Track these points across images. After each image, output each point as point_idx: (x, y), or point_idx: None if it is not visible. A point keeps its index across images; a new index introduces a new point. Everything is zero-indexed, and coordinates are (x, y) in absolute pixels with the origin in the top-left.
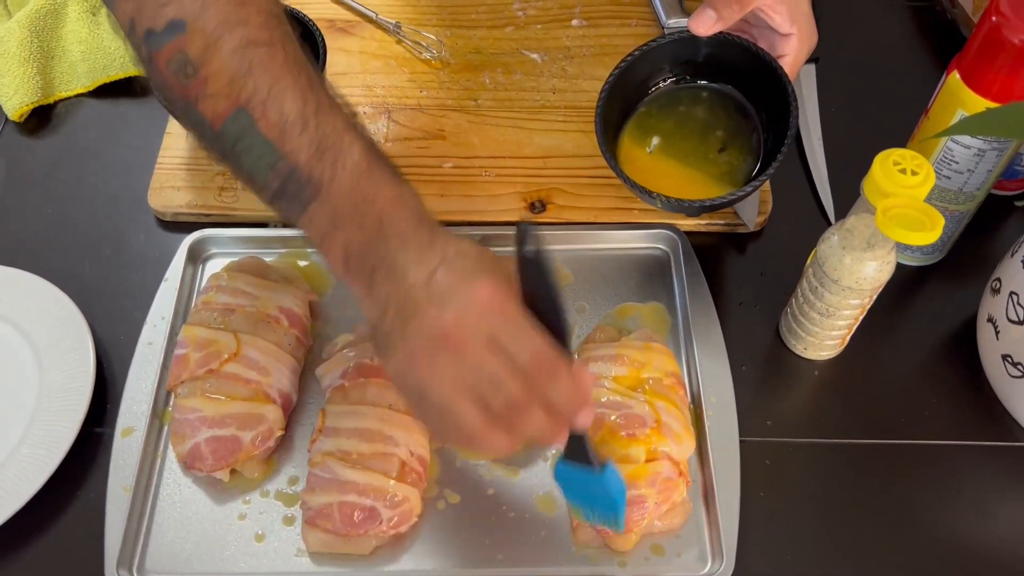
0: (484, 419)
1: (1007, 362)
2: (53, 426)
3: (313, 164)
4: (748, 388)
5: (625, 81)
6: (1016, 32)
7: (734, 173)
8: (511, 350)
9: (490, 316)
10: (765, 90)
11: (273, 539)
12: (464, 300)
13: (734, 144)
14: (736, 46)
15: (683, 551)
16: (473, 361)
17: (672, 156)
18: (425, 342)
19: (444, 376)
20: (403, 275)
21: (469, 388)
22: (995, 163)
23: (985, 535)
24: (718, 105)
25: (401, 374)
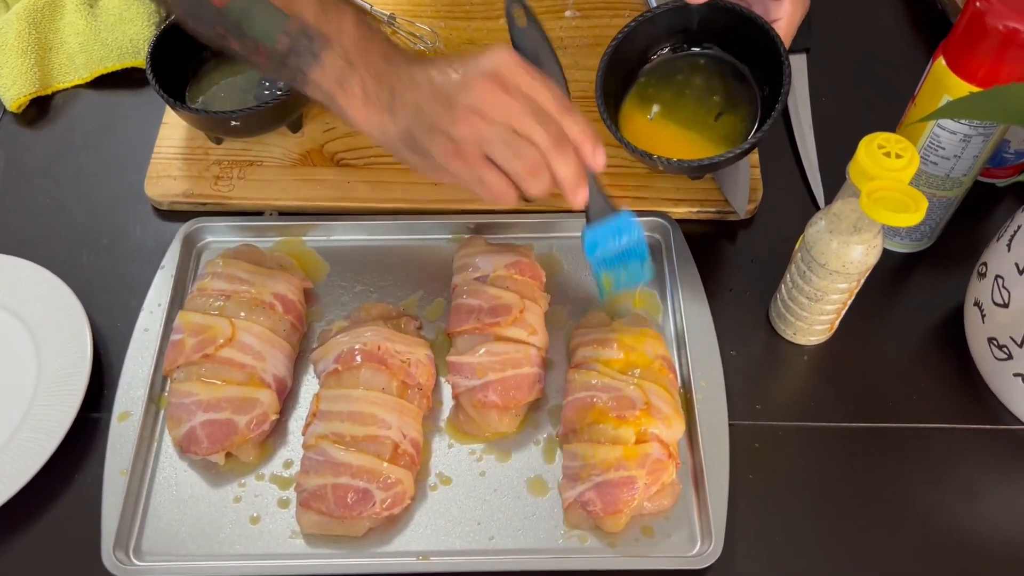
0: (537, 153)
1: (993, 345)
2: (51, 411)
3: (320, 19)
4: (738, 373)
5: (622, 53)
6: (1000, 18)
7: (733, 136)
8: (538, 95)
9: (517, 69)
10: (760, 54)
11: (268, 521)
12: (494, 59)
13: (731, 109)
14: (729, 12)
15: (672, 532)
16: (518, 101)
17: (672, 122)
18: (478, 96)
19: (501, 117)
20: (427, 78)
21: (521, 124)
22: (981, 149)
23: (972, 517)
24: (715, 71)
25: (460, 135)
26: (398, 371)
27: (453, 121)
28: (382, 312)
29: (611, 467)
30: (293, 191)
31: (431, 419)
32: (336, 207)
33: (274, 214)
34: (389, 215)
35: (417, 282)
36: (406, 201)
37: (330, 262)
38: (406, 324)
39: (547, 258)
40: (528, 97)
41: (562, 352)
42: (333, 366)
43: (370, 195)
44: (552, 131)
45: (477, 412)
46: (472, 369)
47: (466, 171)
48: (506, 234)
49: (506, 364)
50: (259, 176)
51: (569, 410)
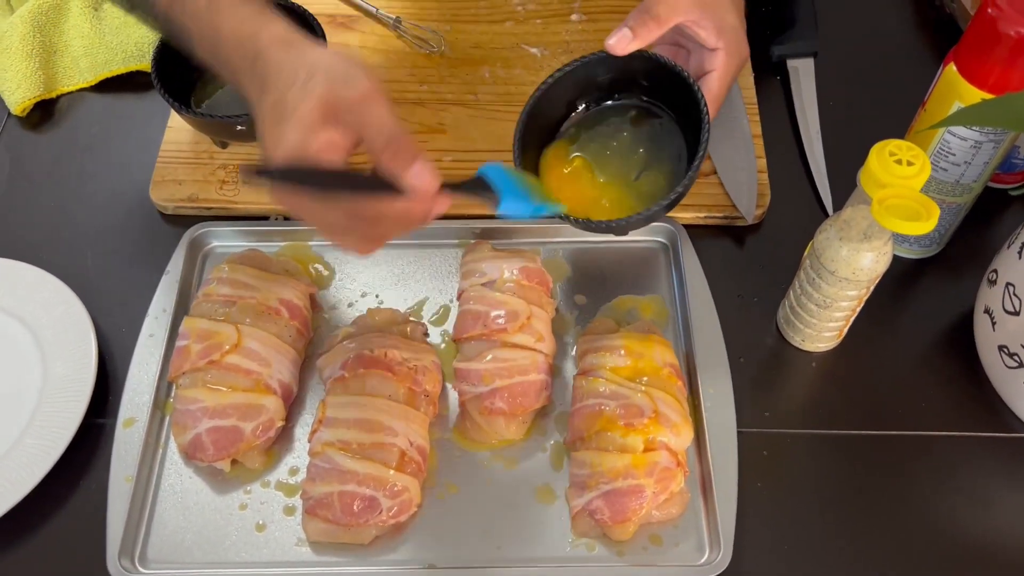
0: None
1: (1003, 353)
2: (56, 417)
3: (173, 11)
4: (746, 380)
5: (546, 105)
6: (1012, 24)
7: (656, 191)
8: (337, 208)
9: (292, 208)
10: (686, 107)
11: (274, 529)
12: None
13: (656, 163)
14: (653, 62)
15: (681, 541)
16: (318, 219)
17: (595, 176)
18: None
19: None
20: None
21: (329, 232)
22: (992, 155)
23: (981, 525)
24: (643, 122)
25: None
26: (405, 378)
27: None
28: (388, 318)
29: (619, 476)
30: None
31: (438, 426)
32: None
33: (280, 219)
34: None
35: (423, 288)
36: None
37: (336, 267)
38: (412, 330)
39: (554, 263)
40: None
41: (569, 359)
42: (339, 372)
43: None
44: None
45: (484, 419)
46: (479, 376)
47: None
48: (512, 239)
49: (513, 371)
50: None
51: (577, 417)
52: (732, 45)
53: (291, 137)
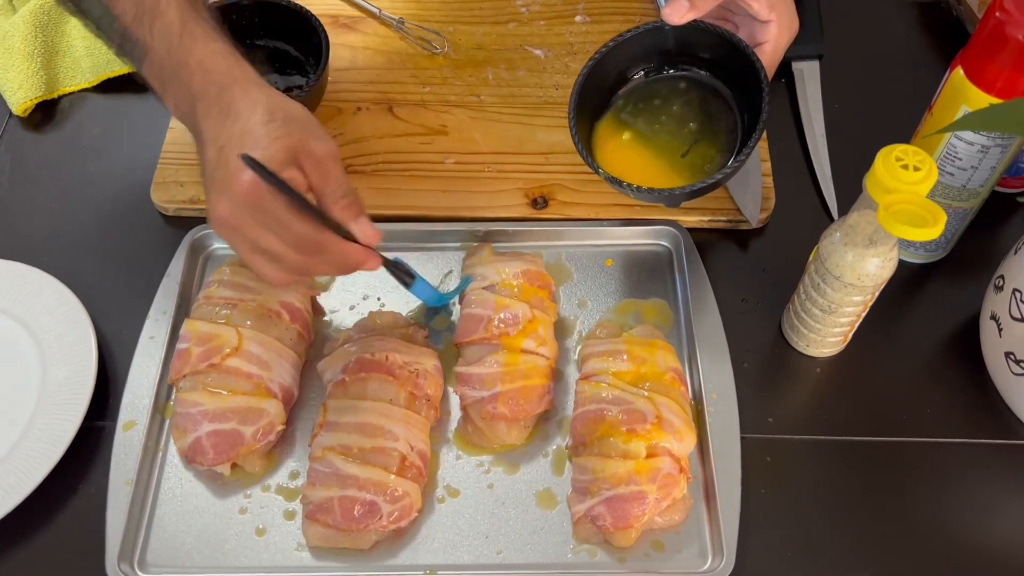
0: (278, 271)
1: (1010, 360)
2: (55, 420)
3: (136, 26)
4: (750, 385)
5: (599, 74)
6: (1020, 28)
7: (707, 165)
8: (278, 234)
9: (252, 207)
10: (742, 79)
11: (274, 533)
12: (232, 191)
13: (708, 136)
14: (710, 34)
15: (683, 547)
16: (252, 238)
17: (647, 148)
18: (215, 221)
19: (237, 246)
20: (205, 148)
21: (259, 253)
22: (999, 160)
23: (987, 533)
24: (694, 96)
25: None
26: (406, 382)
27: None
28: (390, 321)
29: (621, 482)
30: None
31: (439, 431)
32: None
33: None
34: (396, 222)
35: None
36: (413, 208)
37: None
38: (414, 334)
39: (556, 267)
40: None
41: (571, 363)
42: (340, 376)
43: (377, 202)
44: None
45: (485, 424)
46: (480, 380)
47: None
48: (514, 242)
49: (515, 375)
50: None
51: (579, 422)
52: (784, 17)
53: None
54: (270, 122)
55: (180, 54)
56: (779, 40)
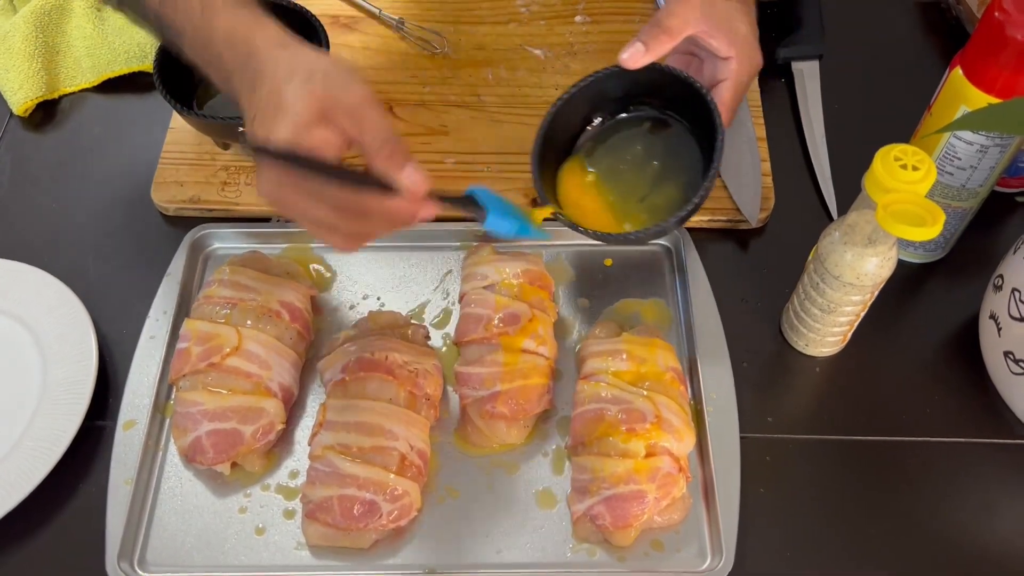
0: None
1: (1009, 359)
2: (56, 419)
3: (164, 10)
4: (749, 384)
5: (562, 120)
6: (1019, 29)
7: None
8: (323, 204)
9: (287, 184)
10: (700, 117)
11: (273, 532)
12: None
13: (673, 174)
14: (667, 75)
15: (683, 547)
16: (301, 211)
17: (612, 189)
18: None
19: (295, 217)
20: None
21: (315, 224)
22: (998, 159)
23: (986, 532)
24: (658, 135)
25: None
26: (406, 381)
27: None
28: (389, 321)
29: (621, 481)
30: None
31: (439, 430)
32: None
33: (281, 221)
34: None
35: (425, 291)
36: None
37: (337, 270)
38: (414, 333)
39: (556, 267)
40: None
41: (571, 362)
42: (340, 375)
43: None
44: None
45: (485, 423)
46: (480, 379)
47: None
48: (515, 242)
49: (514, 375)
50: None
51: (578, 422)
52: (744, 54)
53: (285, 129)
54: (290, 81)
55: (205, 31)
56: (739, 76)
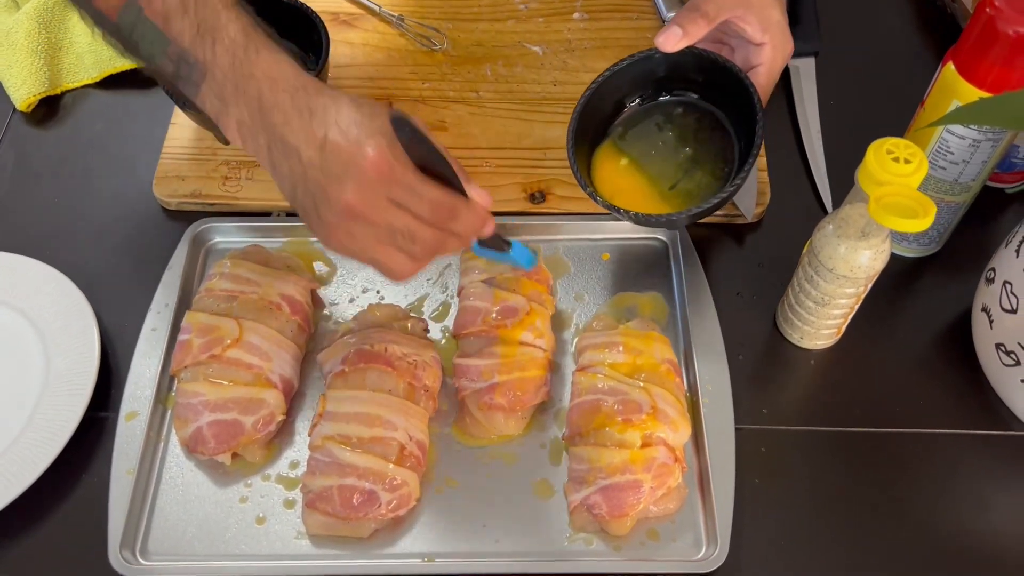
0: (409, 259)
1: (1000, 351)
2: (58, 410)
3: (196, 46)
4: (744, 377)
5: (596, 103)
6: (1010, 24)
7: (705, 188)
8: (411, 206)
9: (384, 181)
10: (736, 101)
11: (274, 522)
12: (357, 172)
13: (706, 160)
14: (703, 59)
15: (678, 536)
16: (383, 223)
17: (644, 174)
18: (337, 218)
19: (364, 239)
20: (296, 153)
21: (389, 242)
22: (990, 154)
23: (979, 523)
24: (691, 120)
25: (328, 244)
26: (405, 373)
27: (319, 229)
28: (389, 314)
29: (617, 471)
30: None
31: (437, 421)
32: None
33: (282, 215)
34: None
35: (424, 284)
36: None
37: (337, 263)
38: (413, 326)
39: (554, 260)
40: (399, 210)
41: (568, 355)
42: (340, 367)
43: None
44: (425, 244)
45: (483, 414)
46: (478, 371)
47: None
48: (512, 236)
49: (512, 367)
50: (267, 177)
51: (575, 413)
52: (777, 39)
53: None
54: (361, 107)
55: (246, 67)
56: (773, 62)
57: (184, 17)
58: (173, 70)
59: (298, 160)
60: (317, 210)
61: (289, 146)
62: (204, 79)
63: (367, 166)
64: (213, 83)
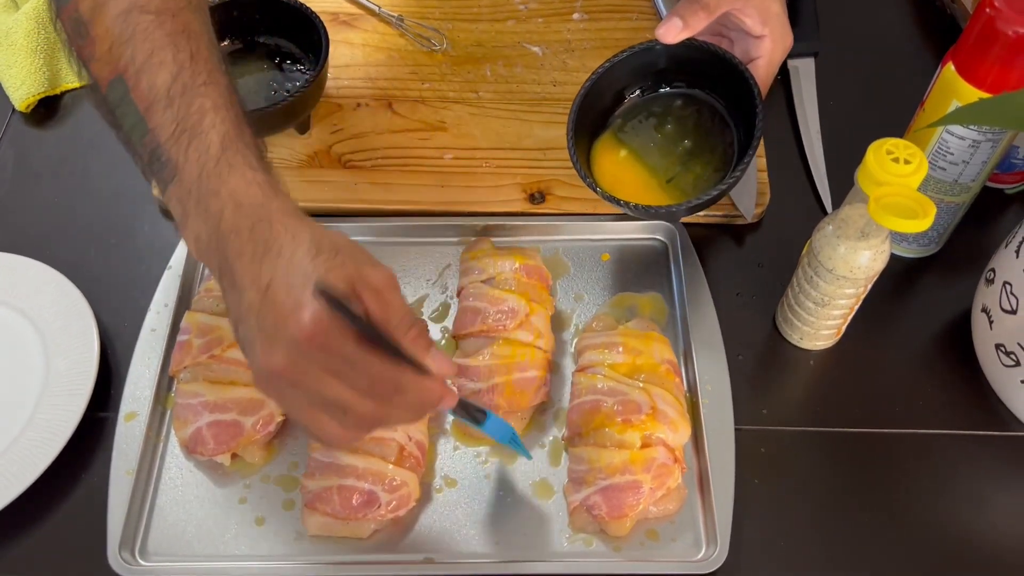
0: (342, 429)
1: (1000, 351)
2: (57, 411)
3: (171, 145)
4: (744, 377)
5: (596, 94)
6: (1010, 24)
7: (704, 179)
8: (347, 378)
9: (318, 352)
10: (736, 94)
11: (273, 523)
12: (290, 339)
13: (705, 152)
14: (703, 51)
15: (678, 537)
16: (314, 391)
17: (643, 165)
18: (266, 375)
19: (294, 402)
20: (240, 292)
21: (321, 409)
22: (990, 154)
23: (979, 524)
24: (690, 112)
25: (262, 391)
26: None
27: (261, 379)
28: None
29: (617, 471)
30: (300, 192)
31: (437, 421)
32: (343, 208)
33: None
34: (395, 216)
35: (423, 284)
36: (412, 203)
37: None
38: None
39: (553, 261)
40: (348, 381)
41: (568, 355)
42: None
43: (377, 197)
44: (358, 419)
45: None
46: (478, 372)
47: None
48: (513, 236)
49: (512, 367)
50: None
51: (575, 413)
52: (777, 32)
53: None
54: (319, 254)
55: (213, 181)
56: (773, 55)
57: (167, 110)
58: (147, 160)
59: (241, 299)
60: (251, 359)
61: (236, 281)
62: (172, 181)
63: (299, 334)
64: (180, 188)
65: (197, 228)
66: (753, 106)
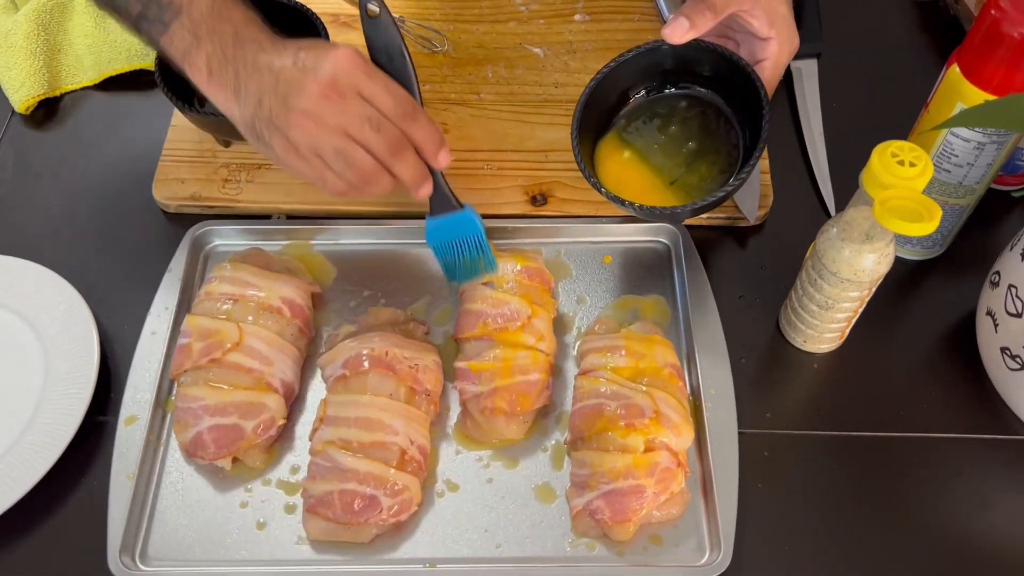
0: (373, 160)
1: (1006, 355)
2: (57, 414)
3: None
4: (747, 380)
5: (601, 94)
6: (1016, 26)
7: (709, 181)
8: (377, 100)
9: (356, 73)
10: (742, 95)
11: (274, 527)
12: (332, 62)
13: (710, 153)
14: (709, 52)
15: (681, 541)
16: (354, 107)
17: (648, 166)
18: (311, 101)
19: (334, 125)
20: (268, 67)
21: (356, 132)
22: (994, 157)
23: (983, 527)
24: (695, 113)
25: (295, 139)
26: (406, 377)
27: (288, 123)
28: (390, 317)
29: (620, 476)
30: (301, 195)
31: (438, 425)
32: (344, 211)
33: (282, 218)
34: (397, 219)
35: (425, 287)
36: (414, 205)
37: (338, 266)
38: (414, 329)
39: (555, 263)
40: (366, 102)
41: (570, 358)
42: (341, 371)
43: (378, 199)
44: (389, 137)
45: (484, 418)
46: (480, 375)
47: (306, 169)
48: (514, 239)
49: (514, 370)
50: (267, 179)
51: (577, 417)
52: (783, 34)
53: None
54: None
55: (224, 11)
56: (779, 57)
57: None
58: (140, 10)
59: (268, 72)
60: (288, 104)
61: (260, 64)
62: (176, 18)
63: (342, 58)
64: (188, 21)
65: (210, 48)
66: (759, 108)
